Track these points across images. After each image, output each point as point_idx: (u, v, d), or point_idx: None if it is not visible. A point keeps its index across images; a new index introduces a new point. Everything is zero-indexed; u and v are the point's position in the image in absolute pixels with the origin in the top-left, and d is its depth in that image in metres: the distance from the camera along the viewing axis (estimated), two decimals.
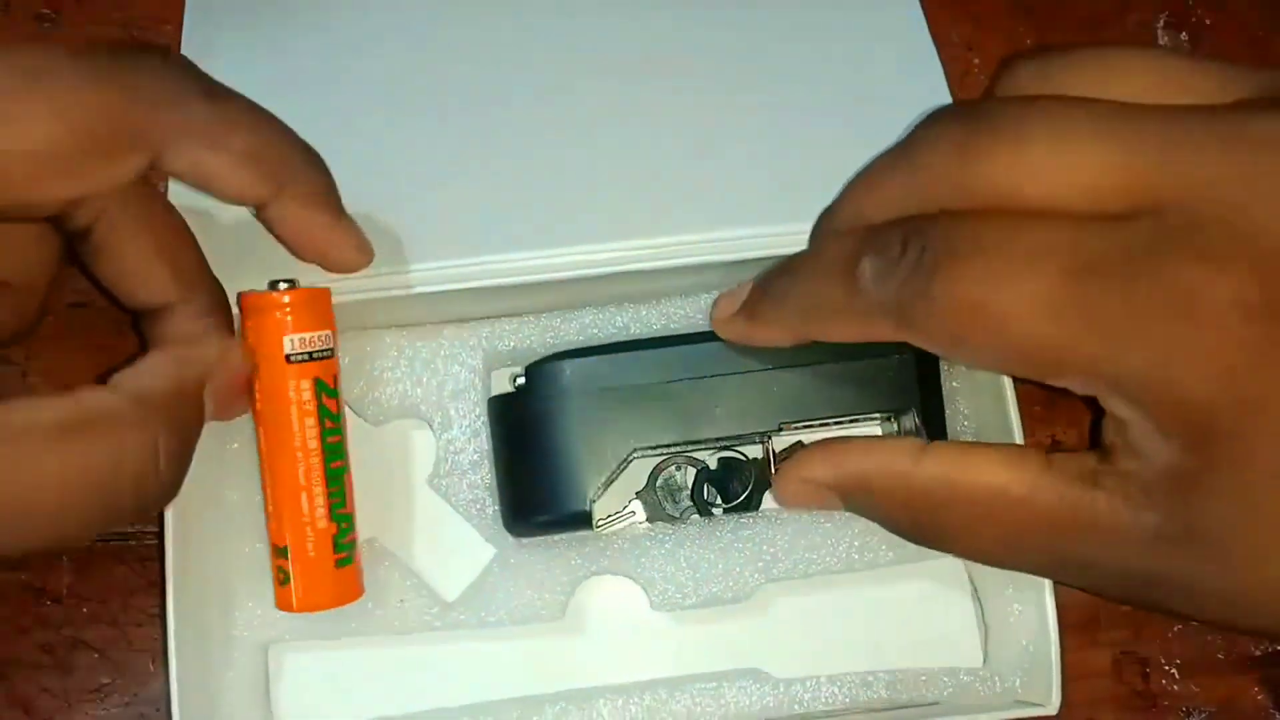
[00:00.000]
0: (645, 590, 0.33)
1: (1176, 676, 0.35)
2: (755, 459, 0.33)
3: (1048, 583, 0.32)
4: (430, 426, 0.34)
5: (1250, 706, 0.35)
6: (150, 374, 0.27)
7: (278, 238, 0.29)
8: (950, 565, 0.33)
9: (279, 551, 0.30)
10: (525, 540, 0.33)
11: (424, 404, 0.33)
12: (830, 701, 0.32)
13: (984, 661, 0.33)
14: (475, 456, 0.33)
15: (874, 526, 0.31)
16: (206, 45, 0.35)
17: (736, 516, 0.33)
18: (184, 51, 0.35)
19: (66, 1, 0.39)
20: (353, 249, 0.30)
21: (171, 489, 0.27)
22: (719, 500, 0.33)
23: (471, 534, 0.33)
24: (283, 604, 0.31)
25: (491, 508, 0.33)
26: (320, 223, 0.29)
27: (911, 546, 0.32)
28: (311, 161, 0.29)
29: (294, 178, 0.28)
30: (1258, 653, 0.35)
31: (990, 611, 0.33)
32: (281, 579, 0.30)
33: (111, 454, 0.25)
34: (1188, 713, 0.35)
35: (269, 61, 0.35)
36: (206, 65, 0.35)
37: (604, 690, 0.32)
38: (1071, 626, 0.35)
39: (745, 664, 0.33)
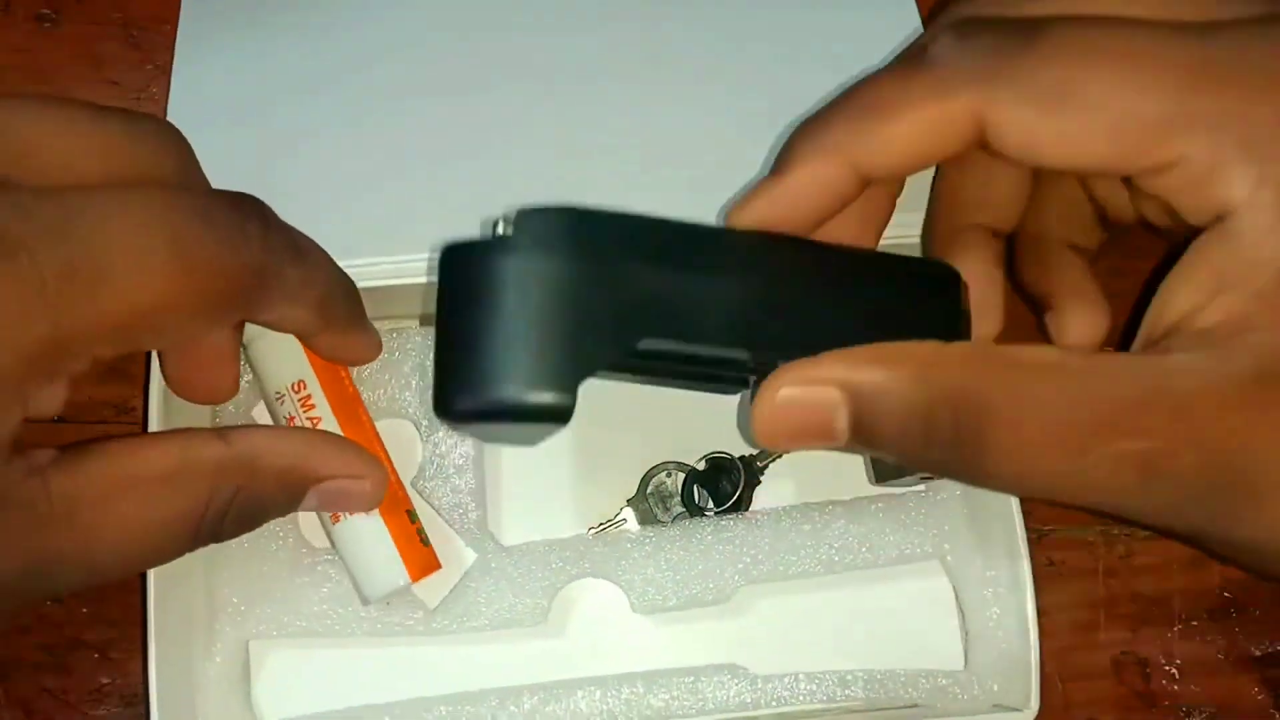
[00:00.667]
0: (626, 593, 0.33)
1: (1177, 677, 0.35)
2: (744, 457, 0.33)
3: (1029, 587, 0.32)
4: (417, 429, 0.34)
5: (1250, 707, 0.35)
6: (273, 445, 0.28)
7: (308, 346, 0.31)
8: (932, 568, 0.33)
9: (412, 516, 0.31)
10: (508, 544, 0.33)
11: (411, 406, 0.34)
12: (808, 700, 0.32)
13: (964, 665, 0.33)
14: (460, 461, 0.33)
15: (855, 528, 0.31)
16: (201, 44, 0.36)
17: (718, 519, 0.33)
18: (178, 49, 0.36)
19: (67, 1, 0.39)
20: (372, 351, 0.32)
21: (222, 540, 0.28)
22: (710, 504, 0.33)
23: (454, 539, 0.33)
24: (428, 566, 0.31)
25: (475, 513, 0.33)
26: (351, 342, 0.31)
27: (892, 549, 0.32)
28: (351, 292, 0.30)
29: (340, 313, 0.30)
30: (1258, 653, 0.35)
31: (970, 615, 0.33)
32: (423, 539, 0.32)
33: (199, 504, 0.26)
34: (1188, 713, 0.35)
35: (268, 55, 0.36)
36: (202, 64, 0.35)
37: (582, 683, 0.32)
38: (1071, 627, 0.35)
39: (724, 659, 0.33)
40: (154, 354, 0.31)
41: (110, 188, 0.24)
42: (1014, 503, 0.32)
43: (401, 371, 0.34)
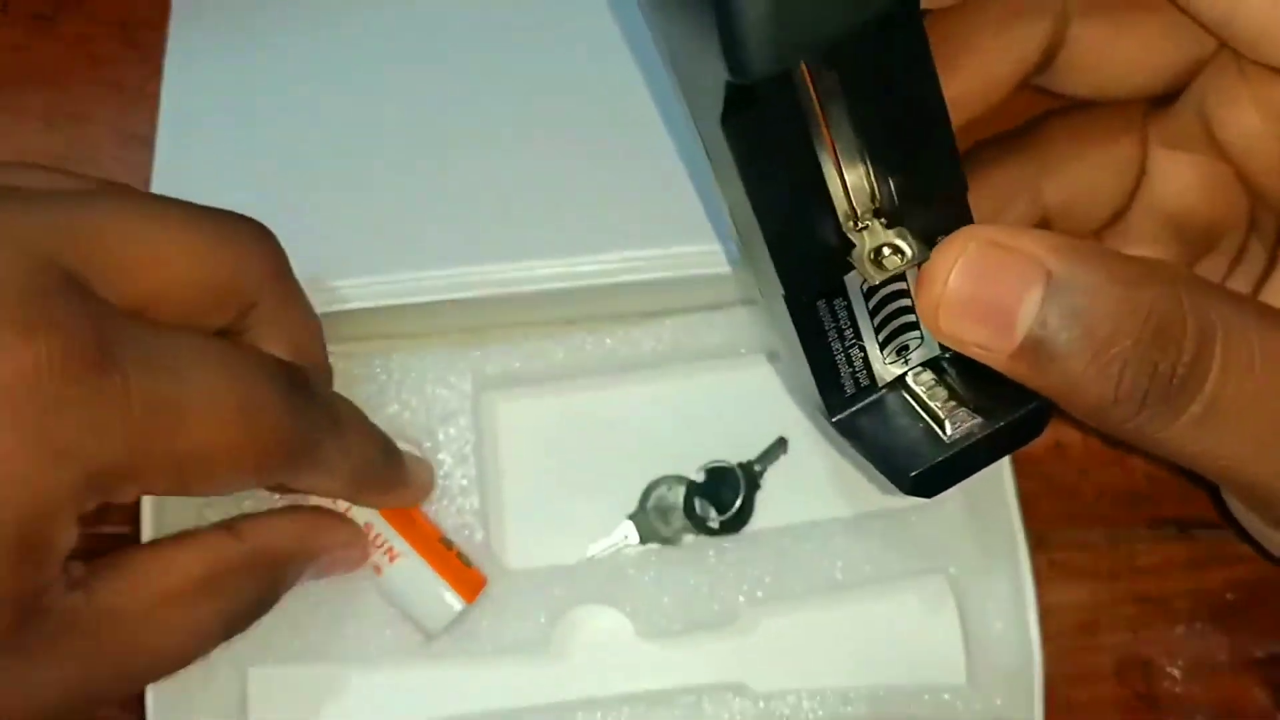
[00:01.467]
0: (630, 619, 0.33)
1: (1178, 679, 0.35)
2: (743, 463, 0.32)
3: (1031, 600, 0.31)
4: (419, 450, 0.33)
5: (1252, 708, 0.35)
6: (277, 534, 0.29)
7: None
8: (935, 582, 0.33)
9: (446, 543, 0.32)
10: (513, 568, 0.33)
11: (412, 427, 0.33)
12: (811, 717, 0.32)
13: (966, 680, 0.33)
14: (464, 483, 0.33)
15: (858, 545, 0.31)
16: (192, 46, 0.35)
17: (720, 540, 0.33)
18: (169, 49, 0.36)
19: (65, 1, 0.38)
20: (414, 500, 0.32)
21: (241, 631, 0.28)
22: (712, 513, 0.32)
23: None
24: (476, 585, 0.31)
25: (480, 533, 0.33)
26: (388, 501, 0.31)
27: (895, 564, 0.32)
28: (389, 458, 0.30)
29: (374, 481, 0.30)
30: (1260, 654, 0.35)
31: (972, 629, 0.33)
32: (465, 561, 0.32)
33: (229, 603, 0.27)
34: (1190, 715, 0.35)
35: (257, 64, 0.35)
36: (191, 69, 0.35)
37: (582, 704, 0.32)
38: (1073, 629, 0.35)
39: (726, 678, 0.33)
40: None
41: (200, 334, 0.25)
42: (1016, 516, 0.32)
43: (400, 394, 0.33)
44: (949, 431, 0.24)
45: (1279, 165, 0.27)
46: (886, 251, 0.22)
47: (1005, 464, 0.32)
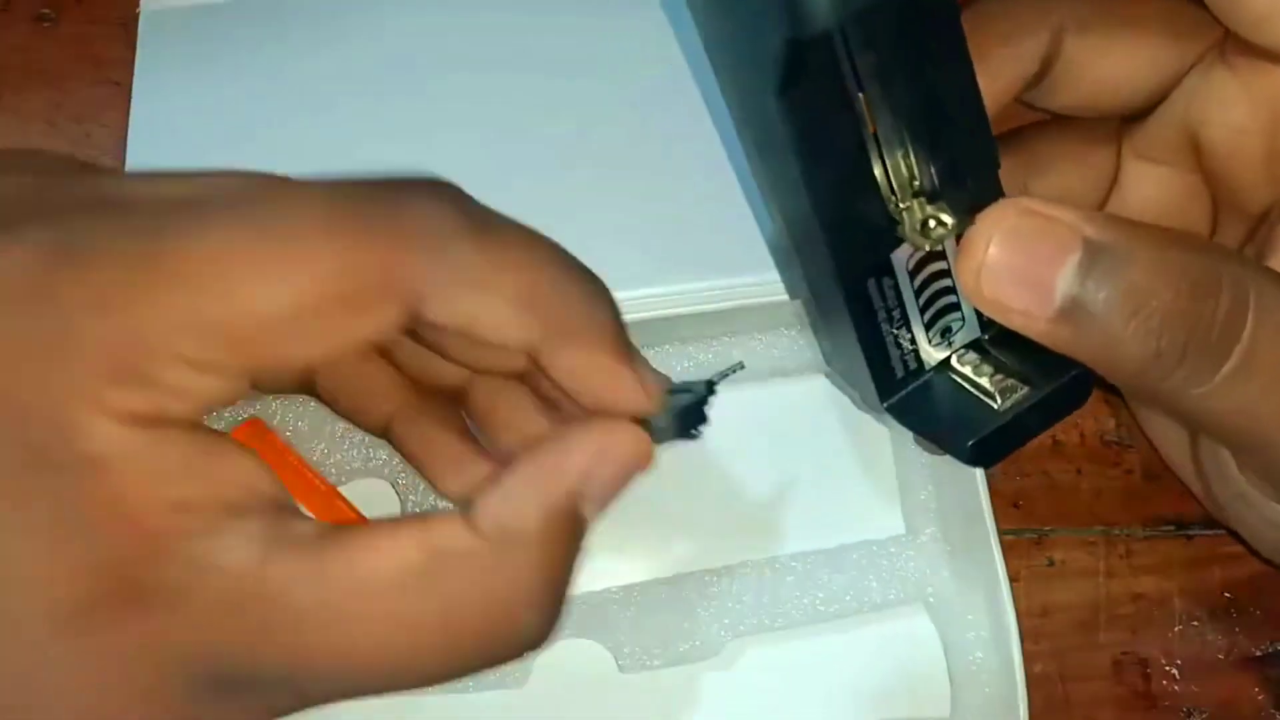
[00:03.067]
0: (612, 653, 0.32)
1: (1177, 677, 0.35)
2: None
3: (1013, 629, 0.31)
4: (394, 487, 0.33)
5: (1250, 707, 0.35)
6: (514, 502, 0.22)
7: (553, 383, 0.23)
8: (916, 611, 0.33)
9: None
10: None
11: (387, 466, 0.33)
12: None
13: (950, 712, 0.32)
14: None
15: (838, 576, 0.32)
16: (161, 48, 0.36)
17: (701, 573, 0.32)
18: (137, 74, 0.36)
19: (66, 1, 0.39)
20: (639, 396, 0.23)
21: (554, 614, 0.23)
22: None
23: None
24: None
25: None
26: (602, 366, 0.23)
27: (875, 594, 0.32)
28: (593, 294, 0.23)
29: (572, 318, 0.22)
30: (1258, 653, 0.35)
31: (954, 659, 0.33)
32: None
33: (475, 601, 0.21)
34: (1188, 713, 0.35)
35: (230, 74, 0.36)
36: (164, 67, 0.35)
37: None
38: (1071, 627, 0.35)
39: (709, 714, 0.32)
40: None
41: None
42: (994, 544, 0.32)
43: None
44: (1000, 402, 0.25)
45: (1263, 161, 0.27)
46: (932, 224, 0.24)
47: (983, 489, 0.32)
